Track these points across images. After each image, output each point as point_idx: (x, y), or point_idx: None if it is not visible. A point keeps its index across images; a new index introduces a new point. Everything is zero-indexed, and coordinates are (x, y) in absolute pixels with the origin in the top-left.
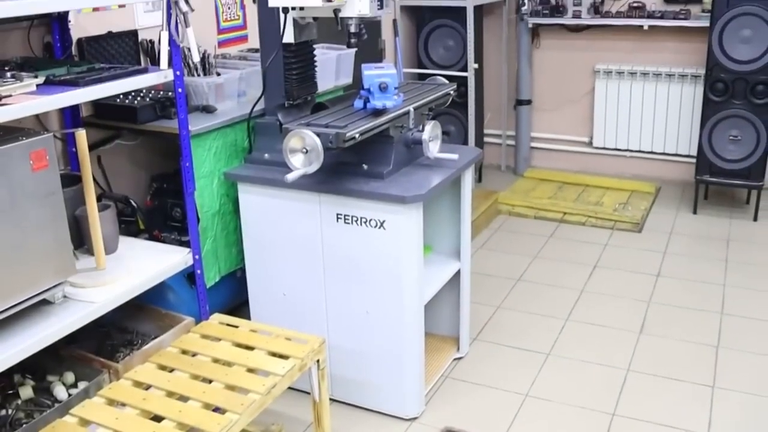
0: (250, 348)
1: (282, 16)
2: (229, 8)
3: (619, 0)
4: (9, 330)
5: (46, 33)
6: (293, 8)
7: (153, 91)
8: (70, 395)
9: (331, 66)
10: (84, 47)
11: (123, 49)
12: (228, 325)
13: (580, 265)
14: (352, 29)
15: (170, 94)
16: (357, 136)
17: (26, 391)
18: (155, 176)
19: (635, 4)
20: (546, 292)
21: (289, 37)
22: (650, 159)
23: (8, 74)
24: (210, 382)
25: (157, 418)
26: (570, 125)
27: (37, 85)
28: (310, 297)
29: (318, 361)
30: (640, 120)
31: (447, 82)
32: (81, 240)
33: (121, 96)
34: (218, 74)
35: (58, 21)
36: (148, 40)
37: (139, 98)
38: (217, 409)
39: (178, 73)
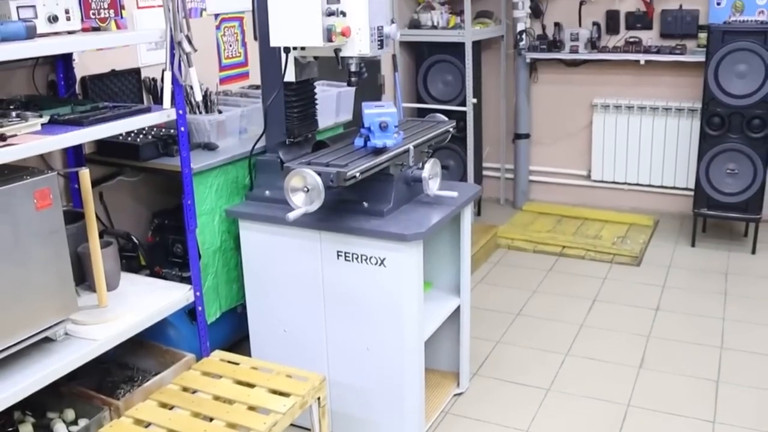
0: (251, 385)
1: (283, 55)
2: (230, 46)
3: (616, 35)
4: (10, 368)
5: (51, 71)
6: (294, 48)
7: (155, 129)
8: None
9: (332, 103)
10: (88, 85)
11: (126, 87)
12: (229, 362)
13: (579, 299)
14: (353, 68)
15: (172, 131)
16: (358, 175)
17: (26, 429)
18: (156, 212)
19: (631, 39)
20: (545, 326)
21: (290, 75)
22: (648, 192)
23: (13, 114)
24: (211, 420)
25: None
26: (568, 159)
27: (42, 125)
28: (310, 333)
29: (319, 398)
30: (637, 153)
31: (446, 119)
32: (83, 276)
33: (124, 133)
34: (220, 112)
35: (63, 60)
36: (151, 78)
37: (141, 136)
38: None
39: (180, 112)
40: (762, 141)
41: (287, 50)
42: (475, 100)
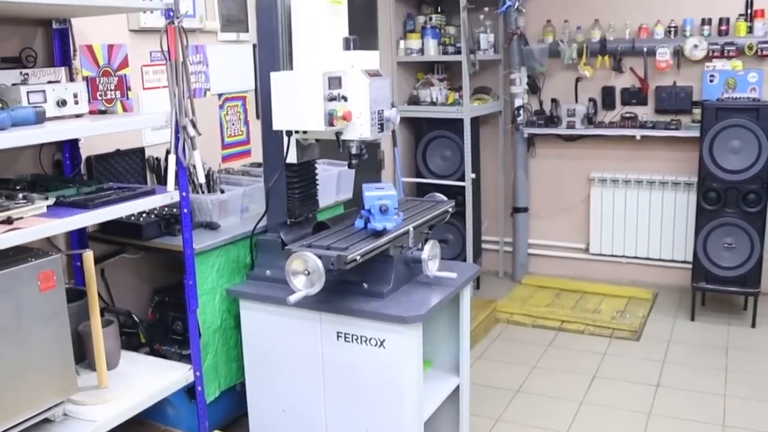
0: None
1: (286, 138)
2: (233, 124)
3: (612, 111)
4: None
5: (57, 151)
6: (296, 131)
7: (157, 208)
8: None
9: (332, 182)
10: (93, 164)
11: (130, 166)
12: None
13: (579, 375)
14: (354, 151)
15: (174, 210)
16: (358, 258)
17: None
18: (157, 289)
19: (627, 115)
20: (545, 404)
21: (292, 157)
22: (647, 265)
23: (20, 195)
24: None
25: None
26: (566, 232)
27: (48, 207)
28: (310, 414)
29: None
30: (635, 227)
31: (445, 198)
32: (83, 354)
33: None
34: (222, 191)
35: (69, 141)
36: (155, 158)
37: (144, 215)
38: None
39: (184, 194)
40: (758, 215)
41: (289, 133)
42: (473, 175)
